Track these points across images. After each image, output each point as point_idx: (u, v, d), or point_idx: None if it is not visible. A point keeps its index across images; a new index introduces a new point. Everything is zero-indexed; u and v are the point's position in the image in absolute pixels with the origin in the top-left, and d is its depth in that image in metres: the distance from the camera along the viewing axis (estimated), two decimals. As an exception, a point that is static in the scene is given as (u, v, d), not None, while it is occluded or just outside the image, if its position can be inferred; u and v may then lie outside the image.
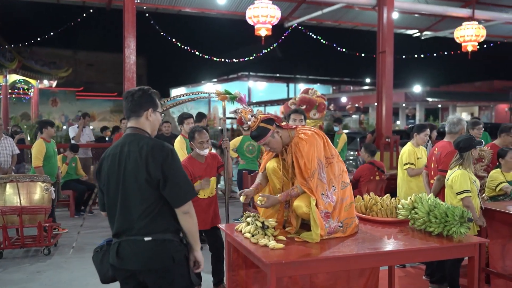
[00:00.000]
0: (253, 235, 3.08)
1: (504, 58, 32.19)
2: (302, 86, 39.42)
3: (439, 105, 30.11)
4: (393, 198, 3.85)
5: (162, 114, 2.79)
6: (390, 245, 2.98)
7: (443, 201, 3.95)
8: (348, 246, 2.92)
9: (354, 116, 28.67)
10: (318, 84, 40.37)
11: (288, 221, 3.35)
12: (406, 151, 5.60)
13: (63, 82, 23.43)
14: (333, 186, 3.14)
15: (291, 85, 37.25)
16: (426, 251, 2.99)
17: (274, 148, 3.21)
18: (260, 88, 39.81)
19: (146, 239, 2.49)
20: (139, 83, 9.23)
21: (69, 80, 36.30)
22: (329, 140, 3.29)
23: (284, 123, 3.28)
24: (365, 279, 3.89)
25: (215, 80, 38.78)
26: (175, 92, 43.17)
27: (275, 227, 3.17)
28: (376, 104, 11.38)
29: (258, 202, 3.14)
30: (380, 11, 10.79)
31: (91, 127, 10.31)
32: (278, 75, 37.43)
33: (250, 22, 9.74)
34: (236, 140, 7.29)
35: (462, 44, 11.76)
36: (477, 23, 11.60)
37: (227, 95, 3.52)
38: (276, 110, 36.72)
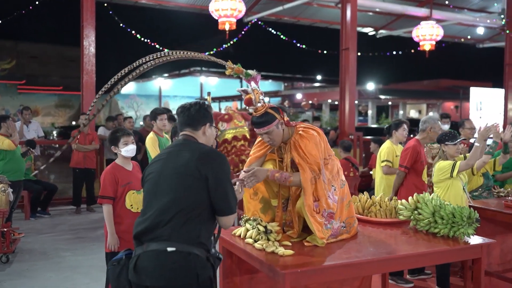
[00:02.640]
0: (255, 241, 2.87)
1: (451, 58, 33.47)
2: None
3: (389, 103, 30.92)
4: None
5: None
6: (401, 248, 2.86)
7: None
8: (359, 250, 2.77)
9: (307, 113, 28.97)
10: (270, 80, 40.50)
11: (287, 224, 3.16)
12: (385, 148, 5.57)
13: (4, 74, 22.12)
14: (332, 186, 2.98)
15: (244, 81, 37.09)
16: (438, 253, 2.89)
17: (274, 140, 2.95)
18: (212, 84, 39.43)
19: (169, 249, 2.22)
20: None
21: (10, 73, 34.43)
22: (326, 138, 3.12)
23: (286, 119, 3.06)
24: (359, 282, 3.76)
25: (166, 75, 38.06)
26: (125, 87, 41.98)
27: (276, 231, 2.97)
28: (330, 101, 11.44)
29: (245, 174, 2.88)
30: (343, 8, 10.80)
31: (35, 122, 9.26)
32: (230, 70, 37.09)
33: (214, 15, 9.46)
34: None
35: (420, 43, 12.00)
36: (434, 22, 11.88)
37: (242, 70, 3.09)
38: (228, 106, 36.42)
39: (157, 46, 10.66)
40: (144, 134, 7.95)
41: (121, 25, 10.03)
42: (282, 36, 14.42)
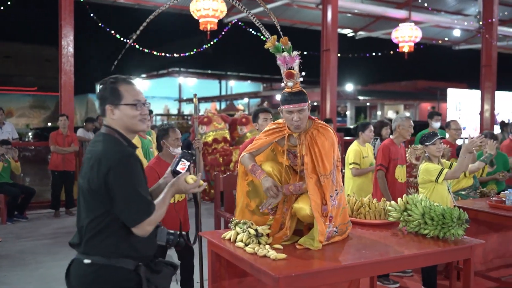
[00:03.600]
0: (246, 244, 2.82)
1: (428, 60, 34.01)
2: (233, 83, 39.35)
3: (368, 103, 31.22)
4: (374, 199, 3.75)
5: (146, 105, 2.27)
6: (393, 250, 2.84)
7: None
8: (352, 253, 2.74)
9: (286, 114, 28.91)
10: (249, 81, 40.45)
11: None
12: (353, 151, 5.64)
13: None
14: (336, 190, 2.95)
15: (223, 82, 37.00)
16: (429, 255, 2.88)
17: (303, 122, 2.85)
18: (190, 85, 39.16)
19: (85, 261, 2.10)
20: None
21: (-17, 73, 33.70)
22: None
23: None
24: (348, 283, 3.75)
25: (144, 75, 37.66)
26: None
27: (271, 233, 2.93)
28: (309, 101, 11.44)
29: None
30: (324, 9, 10.84)
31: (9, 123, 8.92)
32: (209, 71, 36.98)
33: (194, 15, 9.36)
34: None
35: (400, 45, 12.10)
36: (413, 24, 12.00)
37: (289, 43, 2.87)
38: (206, 107, 36.36)
39: (137, 46, 10.50)
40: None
41: (99, 24, 9.84)
42: (262, 37, 14.39)
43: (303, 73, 2.90)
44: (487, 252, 4.66)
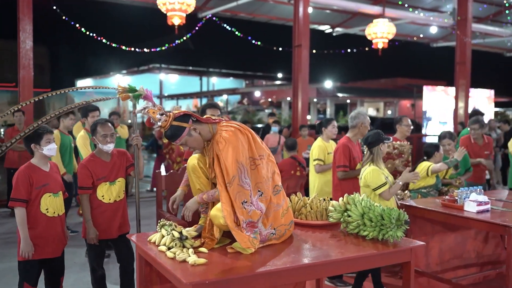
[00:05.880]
0: (169, 248, 2.64)
1: (407, 57, 34.09)
2: (215, 80, 39.09)
3: (348, 101, 31.15)
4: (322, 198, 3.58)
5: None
6: (326, 254, 2.66)
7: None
8: (281, 258, 2.56)
9: (267, 111, 28.92)
10: (231, 78, 40.22)
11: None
12: (316, 147, 5.52)
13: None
14: (259, 191, 2.76)
15: (204, 79, 36.72)
16: (366, 258, 2.72)
17: (194, 147, 2.86)
18: (172, 81, 38.79)
19: None
20: (40, 74, 8.29)
21: (-43, 69, 32.91)
22: (256, 137, 2.89)
23: (204, 117, 2.88)
24: (292, 286, 3.60)
25: (124, 71, 37.20)
26: (80, 83, 40.82)
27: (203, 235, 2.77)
28: (288, 98, 11.29)
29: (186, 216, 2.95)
30: (296, 5, 10.66)
31: None
32: (190, 68, 36.67)
33: (162, 9, 9.12)
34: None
35: (373, 41, 11.97)
36: (387, 20, 11.88)
37: (130, 94, 3.14)
38: (188, 104, 36.02)
39: (104, 40, 10.22)
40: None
41: (63, 17, 9.54)
42: (237, 33, 14.17)
43: (160, 116, 2.78)
44: (444, 252, 4.52)
